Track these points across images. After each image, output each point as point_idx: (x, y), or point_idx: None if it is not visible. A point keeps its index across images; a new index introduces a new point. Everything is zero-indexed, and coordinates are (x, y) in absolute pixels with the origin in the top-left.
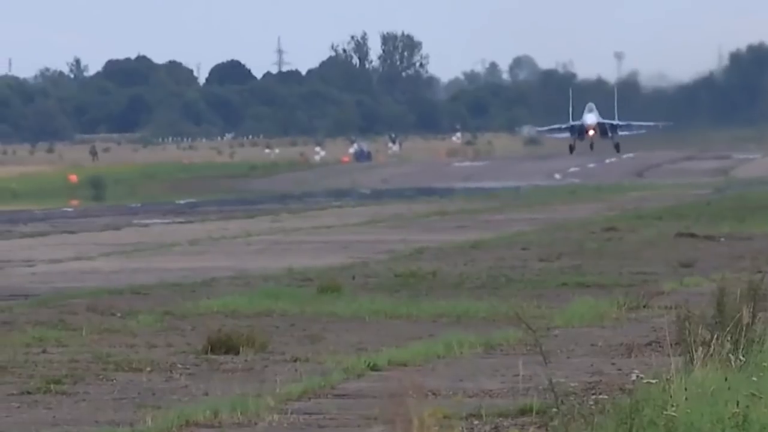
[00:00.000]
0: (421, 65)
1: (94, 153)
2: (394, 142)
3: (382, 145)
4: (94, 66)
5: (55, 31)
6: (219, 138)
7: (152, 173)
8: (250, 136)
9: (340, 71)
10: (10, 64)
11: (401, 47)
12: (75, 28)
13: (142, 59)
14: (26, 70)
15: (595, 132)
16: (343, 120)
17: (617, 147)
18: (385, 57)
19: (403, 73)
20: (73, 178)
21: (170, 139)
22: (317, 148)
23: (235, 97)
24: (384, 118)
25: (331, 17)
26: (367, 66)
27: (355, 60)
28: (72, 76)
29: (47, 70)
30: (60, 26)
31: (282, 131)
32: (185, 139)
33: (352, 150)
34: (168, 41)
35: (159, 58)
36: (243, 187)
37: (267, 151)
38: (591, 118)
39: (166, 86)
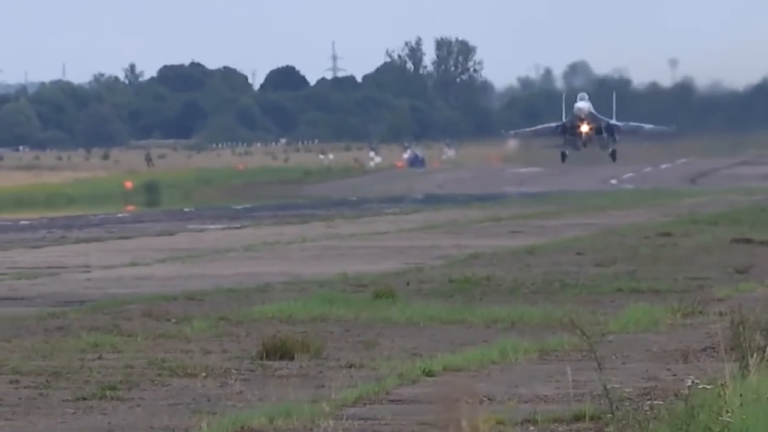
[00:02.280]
0: (475, 70)
1: (149, 159)
2: (449, 147)
3: (436, 151)
4: (148, 71)
5: (109, 36)
6: (273, 143)
7: (207, 179)
8: (305, 142)
9: (395, 77)
10: (64, 69)
11: (456, 52)
12: (130, 33)
13: (197, 65)
14: (81, 75)
15: (590, 129)
16: (397, 126)
17: (613, 155)
18: (439, 62)
19: (457, 79)
20: (129, 183)
21: (225, 144)
22: (372, 154)
23: (289, 103)
24: (438, 124)
25: (385, 23)
26: (421, 71)
27: (410, 65)
28: (127, 81)
29: (102, 75)
30: (115, 32)
31: (336, 137)
32: (240, 145)
33: (406, 156)
34: (223, 47)
35: (213, 63)
36: (298, 192)
37: (321, 156)
38: (583, 104)
39: (221, 92)
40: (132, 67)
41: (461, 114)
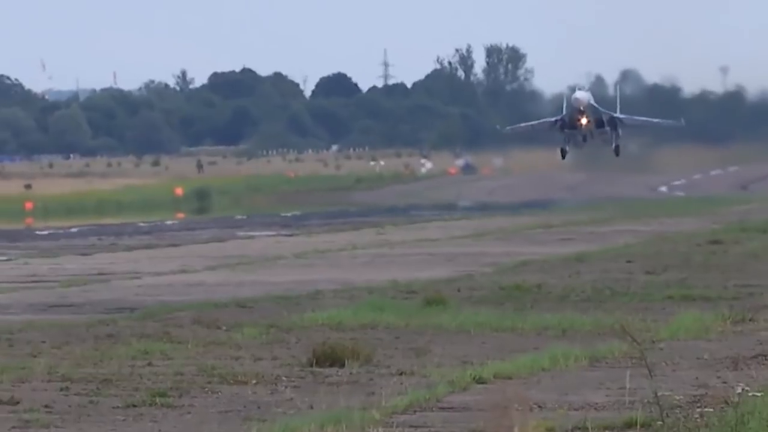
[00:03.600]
0: (526, 78)
1: (199, 166)
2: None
3: (486, 158)
4: (199, 78)
5: (160, 43)
6: (325, 150)
7: (257, 186)
8: (356, 149)
9: (445, 84)
10: (115, 76)
11: (506, 60)
12: (180, 40)
13: (248, 71)
14: (131, 82)
15: (589, 122)
16: (448, 133)
17: (617, 150)
18: (489, 70)
19: (507, 87)
20: (179, 190)
21: (275, 151)
22: (423, 161)
23: (340, 110)
24: (488, 132)
25: (436, 30)
26: (471, 79)
27: (460, 73)
28: (177, 88)
29: (152, 82)
30: (165, 38)
31: (387, 144)
32: (290, 152)
33: (458, 162)
34: (274, 54)
35: (264, 70)
36: (349, 199)
37: (372, 163)
38: (582, 95)
39: (272, 99)
40: (183, 73)
41: (511, 121)
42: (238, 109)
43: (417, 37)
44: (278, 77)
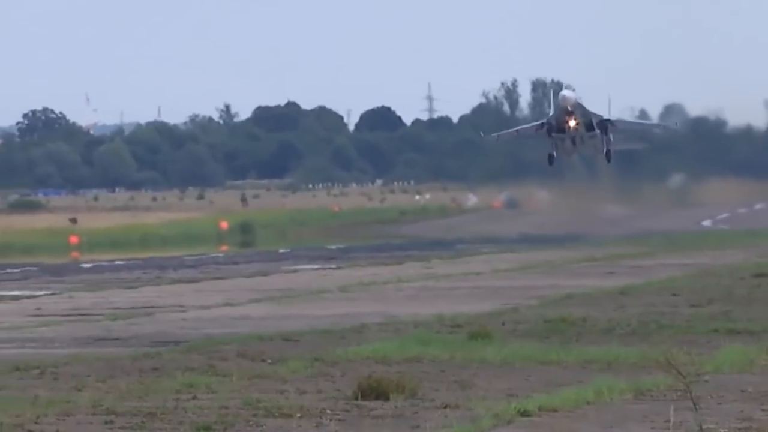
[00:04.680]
0: None
1: (244, 199)
2: (474, 194)
3: (531, 192)
4: (243, 112)
5: (204, 77)
6: (369, 184)
7: (302, 219)
8: (401, 182)
9: (491, 118)
10: (159, 110)
11: (551, 94)
12: (224, 74)
13: (292, 105)
14: (176, 116)
15: (577, 124)
16: (493, 166)
17: (608, 156)
18: (534, 104)
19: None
20: (223, 224)
21: (320, 185)
22: (468, 194)
23: (385, 144)
24: (533, 165)
25: (481, 64)
26: (516, 113)
27: (506, 107)
28: (221, 122)
29: (196, 116)
30: (209, 72)
31: (432, 177)
32: (335, 185)
33: (502, 196)
34: (318, 87)
35: (308, 104)
36: (394, 232)
37: (417, 197)
38: (569, 93)
39: (316, 132)
40: (227, 107)
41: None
42: (282, 142)
43: (462, 71)
44: (322, 111)
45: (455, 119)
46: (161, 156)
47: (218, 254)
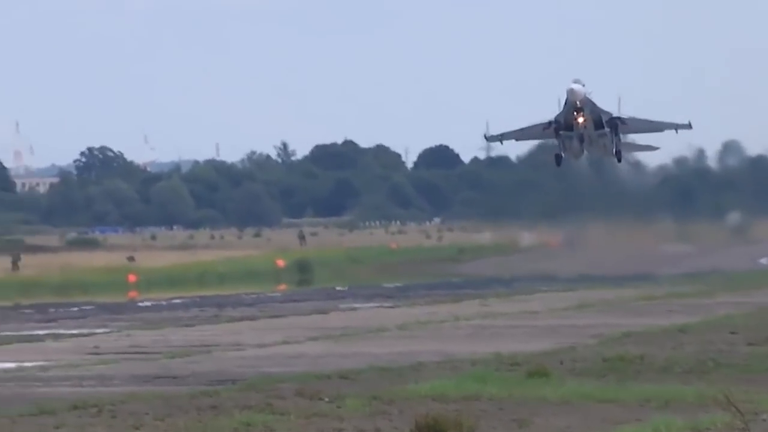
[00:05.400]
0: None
1: (301, 237)
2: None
3: (589, 230)
4: (301, 150)
5: (262, 115)
6: (427, 222)
7: (359, 257)
8: (459, 221)
9: (548, 157)
10: (217, 148)
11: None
12: (282, 112)
13: (349, 143)
14: (233, 153)
15: (585, 120)
16: (550, 205)
17: (618, 155)
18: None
19: (610, 158)
20: (281, 262)
21: (377, 222)
22: (525, 232)
23: (443, 182)
24: (591, 203)
25: (539, 102)
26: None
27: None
28: (279, 159)
29: (254, 153)
30: (267, 110)
31: (490, 216)
32: (393, 223)
33: (559, 234)
34: (375, 125)
35: (366, 142)
36: (451, 270)
37: (476, 235)
38: (577, 87)
39: (373, 170)
40: (284, 145)
41: (613, 193)
42: (339, 180)
43: (520, 110)
44: (380, 149)
45: (513, 157)
46: (219, 194)
47: (276, 292)
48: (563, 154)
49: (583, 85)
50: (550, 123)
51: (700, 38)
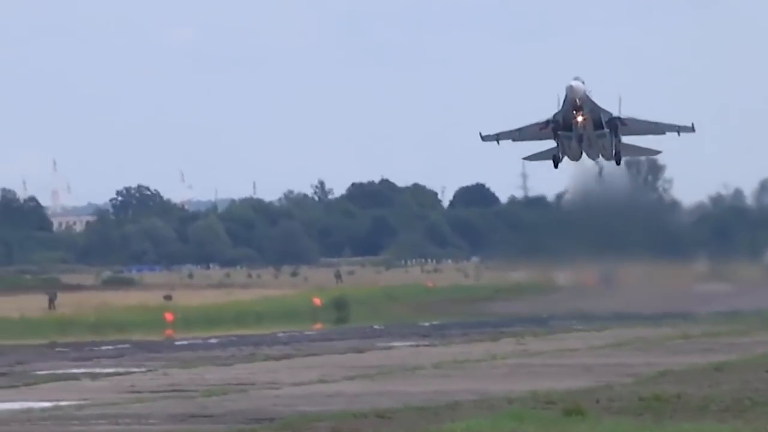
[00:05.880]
0: (664, 189)
1: (338, 276)
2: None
3: (626, 269)
4: (338, 188)
5: (299, 153)
6: (464, 260)
7: (396, 295)
8: (496, 259)
9: (585, 196)
10: (254, 187)
11: (645, 170)
12: (319, 150)
13: (386, 182)
14: (270, 192)
15: (585, 119)
16: (586, 243)
17: (617, 156)
18: (628, 181)
19: (647, 197)
20: (317, 301)
21: (414, 261)
22: (561, 271)
23: (479, 220)
24: (627, 243)
25: None
26: (609, 190)
27: (599, 186)
28: (316, 198)
29: (291, 192)
30: (304, 149)
31: (527, 255)
32: (430, 262)
33: (596, 273)
34: (412, 164)
35: (403, 180)
36: (488, 309)
37: (512, 274)
38: (577, 84)
39: (410, 209)
40: (321, 183)
41: (650, 232)
42: (376, 219)
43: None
44: (416, 188)
45: (550, 197)
46: (256, 232)
47: (312, 331)
48: (561, 155)
49: (583, 83)
50: (548, 122)
51: (739, 73)
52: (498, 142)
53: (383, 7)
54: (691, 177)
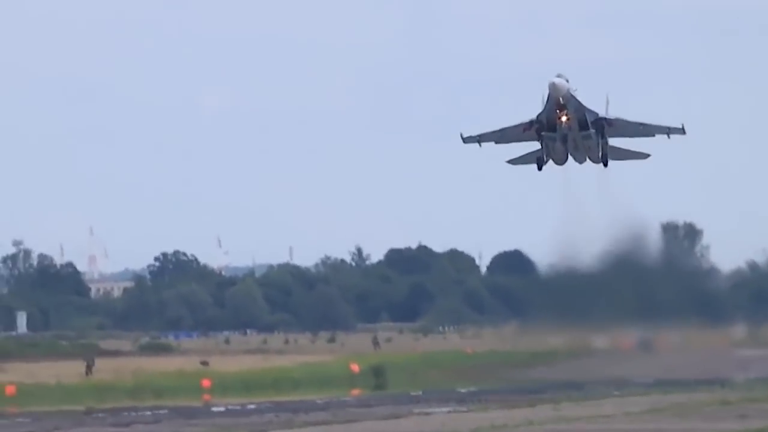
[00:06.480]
0: (702, 254)
1: (376, 342)
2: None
3: (662, 334)
4: (375, 254)
5: (335, 219)
6: (502, 326)
7: (434, 361)
8: (533, 325)
9: (620, 261)
10: (291, 252)
11: (682, 236)
12: (356, 216)
13: (423, 248)
14: (307, 257)
15: (569, 119)
16: (623, 308)
17: (605, 160)
18: (665, 246)
19: (684, 262)
20: (355, 367)
21: (452, 327)
22: (598, 336)
23: (517, 286)
24: (664, 308)
25: (606, 208)
26: (647, 255)
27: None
28: (353, 264)
29: (328, 258)
30: (341, 215)
31: (564, 320)
32: (468, 328)
33: (633, 338)
34: (449, 230)
35: (440, 246)
36: (525, 375)
37: (549, 339)
38: (559, 80)
39: (448, 274)
40: (358, 249)
41: (687, 297)
42: (414, 284)
43: (594, 216)
44: (454, 253)
45: (587, 261)
46: (293, 298)
47: (350, 397)
48: (545, 158)
49: (567, 81)
50: (531, 123)
51: None
52: (480, 144)
53: (421, 77)
54: (728, 243)
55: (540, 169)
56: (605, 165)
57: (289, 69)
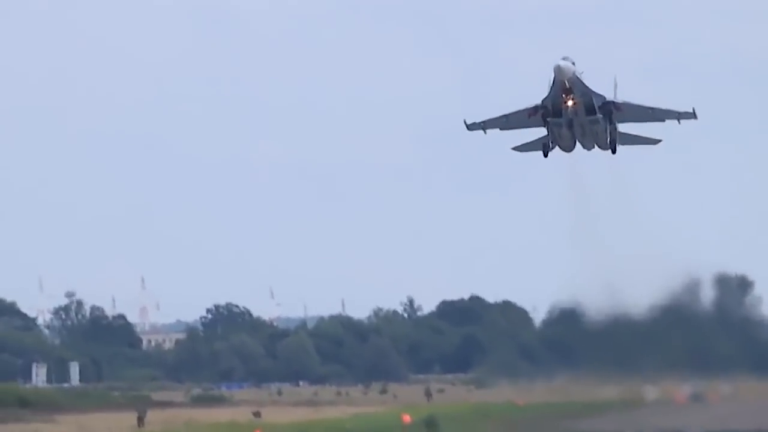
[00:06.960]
0: (754, 305)
1: (428, 393)
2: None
3: (715, 385)
4: (427, 305)
5: (387, 271)
6: (553, 377)
7: (487, 413)
8: (585, 376)
9: (673, 312)
10: (343, 304)
11: (734, 287)
12: (408, 268)
13: (476, 299)
14: (359, 309)
15: (575, 103)
16: (675, 359)
17: (613, 146)
18: (717, 298)
19: (736, 314)
20: (407, 418)
21: (505, 380)
22: (650, 387)
23: (570, 337)
24: (717, 359)
25: (663, 260)
26: (698, 306)
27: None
28: (405, 315)
29: (380, 309)
30: (393, 266)
31: (615, 372)
32: (520, 380)
33: (685, 389)
34: (502, 281)
35: (493, 297)
36: (576, 427)
37: (602, 390)
38: (565, 63)
39: (500, 326)
40: (410, 301)
41: (739, 348)
42: (466, 336)
43: (644, 265)
44: (507, 305)
45: (639, 312)
46: (345, 349)
47: None
48: (551, 144)
49: (573, 63)
50: (536, 108)
51: None
52: (485, 131)
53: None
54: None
55: (546, 155)
56: (613, 152)
57: (343, 122)
